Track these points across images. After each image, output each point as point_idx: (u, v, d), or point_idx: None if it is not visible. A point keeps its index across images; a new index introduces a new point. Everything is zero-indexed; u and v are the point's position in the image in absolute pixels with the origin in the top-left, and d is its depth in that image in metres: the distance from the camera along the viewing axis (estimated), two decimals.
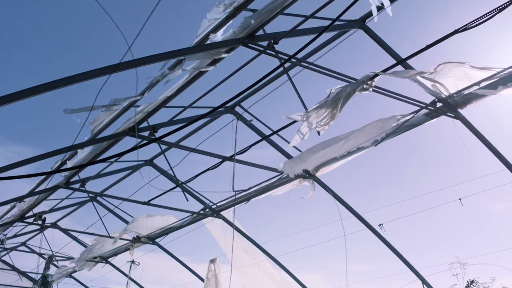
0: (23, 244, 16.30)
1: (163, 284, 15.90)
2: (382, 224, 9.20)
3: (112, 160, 9.96)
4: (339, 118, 6.95)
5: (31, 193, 10.63)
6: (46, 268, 12.81)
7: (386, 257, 10.12)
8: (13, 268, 17.61)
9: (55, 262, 16.59)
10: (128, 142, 10.00)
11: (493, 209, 9.92)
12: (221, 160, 9.42)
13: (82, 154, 8.98)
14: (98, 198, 12.80)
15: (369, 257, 11.94)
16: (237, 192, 8.22)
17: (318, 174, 9.40)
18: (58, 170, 8.92)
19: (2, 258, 17.58)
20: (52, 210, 12.58)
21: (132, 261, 12.35)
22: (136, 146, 5.60)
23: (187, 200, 10.83)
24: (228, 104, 8.19)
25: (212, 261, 10.42)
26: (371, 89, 6.73)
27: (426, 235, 10.63)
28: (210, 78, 7.92)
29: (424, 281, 9.81)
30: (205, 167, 10.11)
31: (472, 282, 8.34)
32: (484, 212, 9.87)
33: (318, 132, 7.31)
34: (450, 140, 8.70)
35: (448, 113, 7.49)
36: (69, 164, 9.52)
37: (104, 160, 8.05)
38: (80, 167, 7.99)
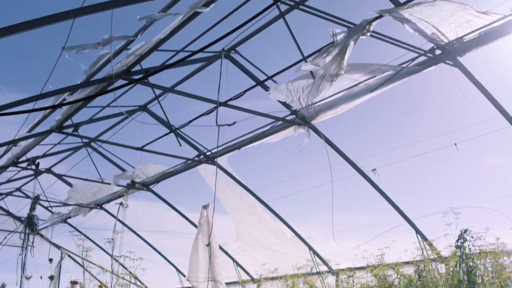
0: (18, 189, 16.28)
1: (157, 231, 16.00)
2: (375, 169, 9.16)
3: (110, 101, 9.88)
4: None
5: (24, 137, 10.56)
6: (32, 208, 12.75)
7: (380, 208, 10.14)
8: (8, 213, 17.65)
9: (50, 208, 16.64)
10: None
11: (489, 164, 9.89)
12: (215, 105, 9.29)
13: (74, 98, 8.89)
14: (92, 144, 12.74)
15: (363, 209, 11.96)
16: (220, 126, 8.09)
17: (314, 121, 9.31)
18: (56, 105, 8.73)
19: None
20: (45, 155, 12.50)
21: (121, 203, 12.34)
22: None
23: (180, 145, 10.77)
24: (223, 48, 8.08)
25: (205, 206, 10.41)
26: (368, 34, 6.60)
27: (420, 184, 10.62)
28: (206, 24, 7.79)
29: (418, 231, 9.84)
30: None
31: (465, 231, 8.34)
32: (480, 168, 9.84)
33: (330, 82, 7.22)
34: (447, 89, 8.63)
35: (446, 61, 7.38)
36: (64, 108, 9.43)
37: (99, 95, 7.91)
38: (81, 100, 7.82)
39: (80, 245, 6.59)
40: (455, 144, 7.91)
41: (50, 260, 7.12)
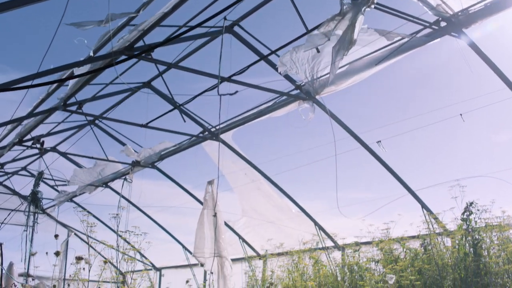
0: (24, 168, 16.33)
1: (162, 206, 16.05)
2: (380, 141, 9.10)
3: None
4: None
5: (29, 115, 10.55)
6: (36, 184, 12.79)
7: (386, 182, 10.11)
8: (14, 192, 17.73)
9: (56, 188, 16.69)
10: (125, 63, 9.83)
11: (495, 139, 9.82)
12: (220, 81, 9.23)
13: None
14: (97, 122, 12.73)
15: (368, 185, 11.93)
16: (222, 96, 8.03)
17: (318, 96, 9.25)
18: (61, 80, 8.68)
19: (4, 183, 17.71)
20: (49, 134, 12.50)
21: (125, 178, 12.37)
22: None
23: (184, 121, 10.74)
24: (225, 17, 8.01)
25: (210, 182, 10.42)
26: (373, 6, 6.52)
27: (425, 158, 10.58)
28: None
29: (423, 205, 9.82)
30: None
31: (471, 204, 8.31)
32: (486, 141, 9.78)
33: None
34: (453, 61, 8.55)
35: (452, 33, 7.30)
36: (68, 85, 9.40)
37: (104, 69, 7.86)
38: (86, 74, 7.76)
39: (85, 221, 6.57)
40: (461, 114, 7.83)
41: (56, 236, 7.15)
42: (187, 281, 13.32)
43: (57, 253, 6.68)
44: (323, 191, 12.95)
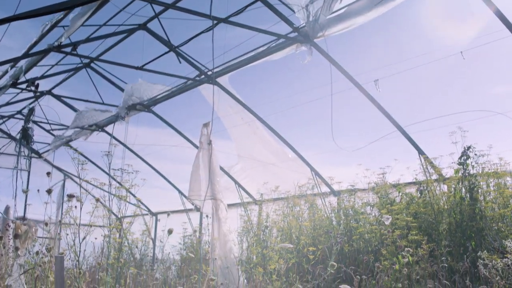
0: (19, 112, 16.20)
1: (159, 156, 16.07)
2: (377, 80, 8.94)
3: None
4: None
5: (24, 56, 10.42)
6: (27, 121, 12.65)
7: (384, 132, 10.01)
8: (9, 136, 17.65)
9: (52, 132, 16.62)
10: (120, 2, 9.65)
11: (492, 92, 9.70)
12: (216, 22, 9.06)
13: (73, 14, 8.71)
14: (92, 65, 12.59)
15: (364, 133, 11.82)
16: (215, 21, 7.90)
17: (316, 39, 9.11)
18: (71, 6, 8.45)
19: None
20: (44, 76, 12.36)
21: (118, 116, 12.23)
22: None
23: (180, 62, 10.58)
24: None
25: (205, 125, 10.30)
26: None
27: (422, 99, 10.46)
28: None
29: (420, 151, 9.73)
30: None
31: (468, 148, 8.24)
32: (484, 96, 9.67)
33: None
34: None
35: None
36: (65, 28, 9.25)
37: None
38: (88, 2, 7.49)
39: (76, 159, 6.50)
40: (461, 52, 7.67)
41: (48, 173, 7.06)
42: (185, 222, 13.33)
43: (48, 191, 6.61)
44: (319, 140, 12.90)
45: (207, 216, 10.68)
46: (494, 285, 6.44)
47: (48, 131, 16.76)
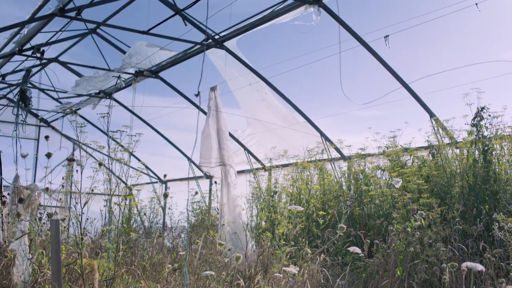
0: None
1: (167, 125, 15.98)
2: (388, 36, 8.69)
3: None
4: None
5: (29, 20, 10.27)
6: (24, 82, 12.46)
7: (397, 99, 9.84)
8: (18, 104, 17.51)
9: (60, 100, 16.50)
10: None
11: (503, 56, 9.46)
12: None
13: None
14: (98, 31, 12.42)
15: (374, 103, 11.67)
16: None
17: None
18: None
19: (7, 96, 17.49)
20: (49, 43, 12.18)
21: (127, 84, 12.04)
22: None
23: (185, 25, 10.33)
24: None
25: (213, 88, 10.13)
26: None
27: (433, 59, 10.24)
28: None
29: (431, 114, 9.55)
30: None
31: (482, 108, 8.00)
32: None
33: None
34: None
35: None
36: None
37: None
38: None
39: (74, 121, 6.33)
40: (476, 4, 7.37)
41: (47, 137, 6.94)
42: (196, 193, 13.23)
43: (48, 155, 6.49)
44: (329, 107, 12.74)
45: (215, 182, 10.59)
46: (508, 248, 6.31)
47: (56, 99, 16.63)
